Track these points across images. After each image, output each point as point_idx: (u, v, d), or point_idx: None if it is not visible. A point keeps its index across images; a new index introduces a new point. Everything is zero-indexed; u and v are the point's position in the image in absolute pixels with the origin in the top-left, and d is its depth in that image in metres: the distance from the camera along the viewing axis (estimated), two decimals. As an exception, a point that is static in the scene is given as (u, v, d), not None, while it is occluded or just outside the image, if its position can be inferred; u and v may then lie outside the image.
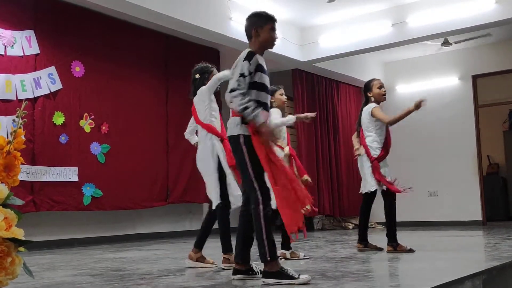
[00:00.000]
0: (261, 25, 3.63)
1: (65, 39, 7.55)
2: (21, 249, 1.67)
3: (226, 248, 4.36)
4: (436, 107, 11.01)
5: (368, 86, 5.57)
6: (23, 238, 1.64)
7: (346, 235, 8.48)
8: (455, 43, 10.15)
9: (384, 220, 5.47)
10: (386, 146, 5.42)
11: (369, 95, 5.53)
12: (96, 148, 7.78)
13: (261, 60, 3.58)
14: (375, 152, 5.35)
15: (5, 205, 1.63)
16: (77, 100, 7.61)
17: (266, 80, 3.58)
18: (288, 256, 5.08)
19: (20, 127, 1.76)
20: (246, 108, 3.32)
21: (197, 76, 4.69)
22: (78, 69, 7.68)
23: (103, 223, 8.06)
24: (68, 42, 7.58)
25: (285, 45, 9.05)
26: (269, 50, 9.72)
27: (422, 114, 10.98)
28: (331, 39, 9.27)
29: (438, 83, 11.10)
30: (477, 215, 10.45)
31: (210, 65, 4.75)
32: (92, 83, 7.83)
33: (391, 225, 5.35)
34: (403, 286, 3.27)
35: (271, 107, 4.59)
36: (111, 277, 3.95)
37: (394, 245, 5.26)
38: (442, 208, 10.72)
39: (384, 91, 5.54)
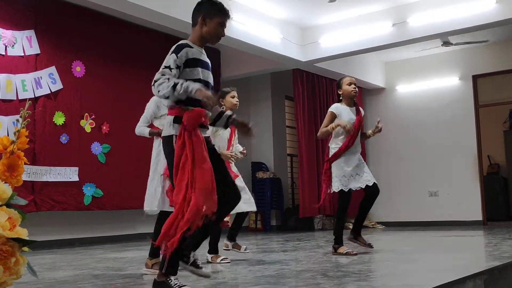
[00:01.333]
0: (210, 15, 3.23)
1: (66, 39, 7.55)
2: (25, 249, 1.67)
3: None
4: (437, 107, 11.02)
5: (338, 83, 5.44)
6: (27, 238, 1.64)
7: (346, 235, 8.44)
8: (455, 43, 10.15)
9: (384, 220, 5.46)
10: (340, 148, 5.21)
11: (340, 92, 5.40)
12: (96, 148, 7.78)
13: (195, 53, 3.19)
14: (330, 153, 5.27)
15: (8, 205, 1.63)
16: (77, 100, 7.61)
17: (204, 74, 3.22)
18: (230, 247, 5.10)
19: (23, 127, 1.75)
20: (174, 85, 2.94)
21: None
22: (78, 69, 7.68)
23: (104, 223, 8.06)
24: (69, 42, 7.58)
25: (286, 45, 9.05)
26: (270, 49, 9.67)
27: (423, 115, 11.12)
28: (332, 39, 9.27)
29: (438, 83, 11.10)
30: (478, 215, 10.44)
31: None
32: (93, 83, 7.82)
33: (336, 226, 5.39)
34: (404, 286, 3.27)
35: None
36: (112, 277, 3.95)
37: (335, 247, 5.27)
38: (443, 208, 10.71)
39: (354, 88, 5.35)
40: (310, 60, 9.59)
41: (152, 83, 3.02)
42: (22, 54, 7.02)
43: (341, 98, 5.40)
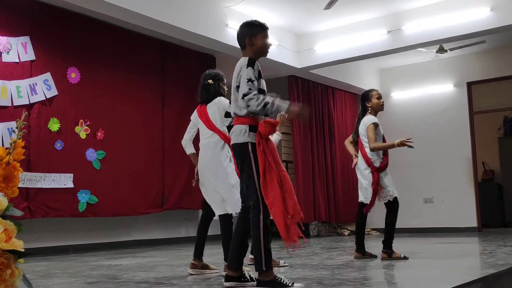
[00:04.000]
0: (254, 34, 3.68)
1: (61, 45, 7.54)
2: (21, 260, 1.66)
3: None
4: (431, 114, 11.05)
5: (367, 96, 5.59)
6: (23, 250, 1.64)
7: (342, 242, 8.48)
8: (450, 50, 10.19)
9: (379, 227, 5.50)
10: (385, 157, 5.44)
11: (368, 105, 5.55)
12: (91, 155, 7.76)
13: (259, 66, 3.64)
14: (376, 164, 5.37)
15: (4, 216, 1.62)
16: (72, 106, 7.60)
17: (265, 85, 3.67)
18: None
19: (19, 138, 1.75)
20: (265, 105, 3.38)
21: (211, 81, 4.66)
22: (74, 75, 7.67)
23: (98, 229, 8.03)
24: (64, 48, 7.57)
25: (281, 52, 9.06)
26: (265, 56, 9.70)
27: (417, 121, 11.14)
28: (327, 46, 9.29)
29: (433, 89, 11.14)
30: (473, 222, 10.46)
31: (221, 73, 4.75)
32: (88, 90, 7.81)
33: (390, 233, 5.36)
34: (400, 294, 3.27)
35: None
36: (107, 285, 3.93)
37: (389, 253, 5.28)
38: (438, 214, 10.73)
39: (383, 102, 5.62)
40: (306, 67, 9.61)
41: (242, 97, 3.42)
42: (17, 61, 7.01)
43: (369, 110, 5.54)
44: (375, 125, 5.43)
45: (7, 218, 1.64)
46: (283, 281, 3.36)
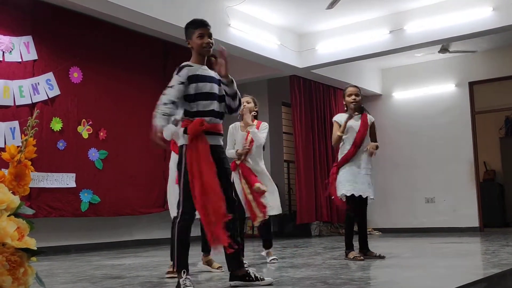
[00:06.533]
0: (190, 35, 3.71)
1: (63, 45, 7.54)
2: (34, 259, 1.66)
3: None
4: (433, 113, 11.05)
5: (343, 93, 5.68)
6: (36, 248, 1.64)
7: (344, 242, 8.44)
8: (450, 51, 10.19)
9: (381, 227, 5.51)
10: (346, 154, 5.48)
11: (344, 102, 5.62)
12: (94, 154, 7.76)
13: (197, 70, 3.60)
14: (339, 158, 5.52)
15: (16, 214, 1.62)
16: (75, 106, 7.60)
17: (207, 87, 3.57)
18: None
19: (31, 136, 1.74)
20: (156, 116, 3.37)
21: None
22: (76, 75, 7.67)
23: (101, 229, 8.03)
24: (66, 48, 7.57)
25: (283, 52, 9.06)
26: (267, 56, 9.68)
27: (419, 121, 11.14)
28: (329, 45, 9.29)
29: (435, 89, 11.14)
30: (474, 222, 10.46)
31: None
32: (90, 89, 7.81)
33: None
34: (405, 293, 3.26)
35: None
36: (111, 285, 3.92)
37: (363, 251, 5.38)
38: (439, 214, 10.72)
39: (353, 99, 5.48)
40: (307, 67, 9.61)
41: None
42: (20, 60, 7.01)
43: (345, 108, 5.57)
44: (335, 122, 5.56)
45: (19, 216, 1.64)
46: (185, 282, 3.39)
